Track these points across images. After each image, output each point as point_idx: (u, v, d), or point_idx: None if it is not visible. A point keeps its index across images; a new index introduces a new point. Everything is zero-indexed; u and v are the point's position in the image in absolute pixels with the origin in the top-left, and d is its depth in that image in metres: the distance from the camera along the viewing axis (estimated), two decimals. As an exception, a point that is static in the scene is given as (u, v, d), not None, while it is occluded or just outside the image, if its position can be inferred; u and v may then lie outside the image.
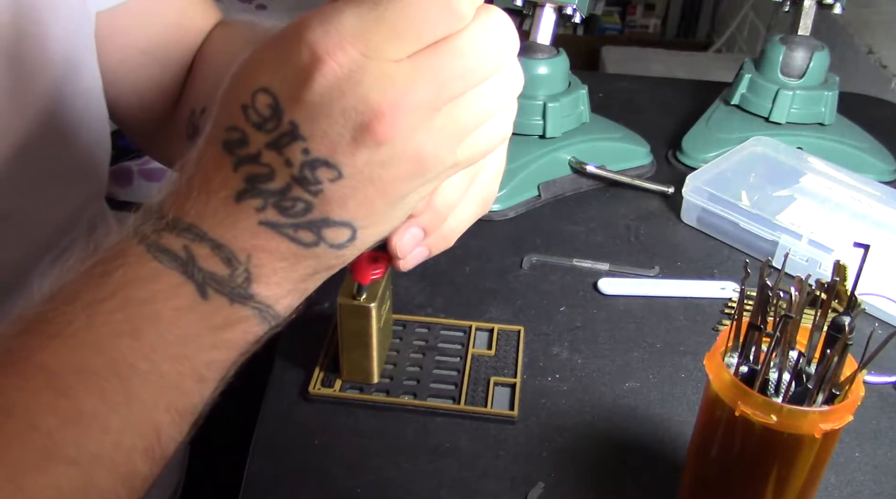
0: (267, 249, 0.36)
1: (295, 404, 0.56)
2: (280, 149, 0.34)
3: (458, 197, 0.46)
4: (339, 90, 0.33)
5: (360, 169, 0.34)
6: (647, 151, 0.86)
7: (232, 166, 0.35)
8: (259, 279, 0.36)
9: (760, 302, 0.42)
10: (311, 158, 0.34)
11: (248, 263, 0.36)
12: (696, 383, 0.59)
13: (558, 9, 0.80)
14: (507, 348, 0.60)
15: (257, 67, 0.35)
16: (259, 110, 0.35)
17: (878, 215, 0.74)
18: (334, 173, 0.34)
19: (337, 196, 0.35)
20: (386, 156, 0.34)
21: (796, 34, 0.86)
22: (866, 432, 0.55)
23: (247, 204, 0.35)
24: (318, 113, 0.34)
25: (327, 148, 0.34)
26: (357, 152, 0.34)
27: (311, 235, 0.36)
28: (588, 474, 0.52)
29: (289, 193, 0.35)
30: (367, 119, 0.33)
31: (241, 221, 0.35)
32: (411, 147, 0.34)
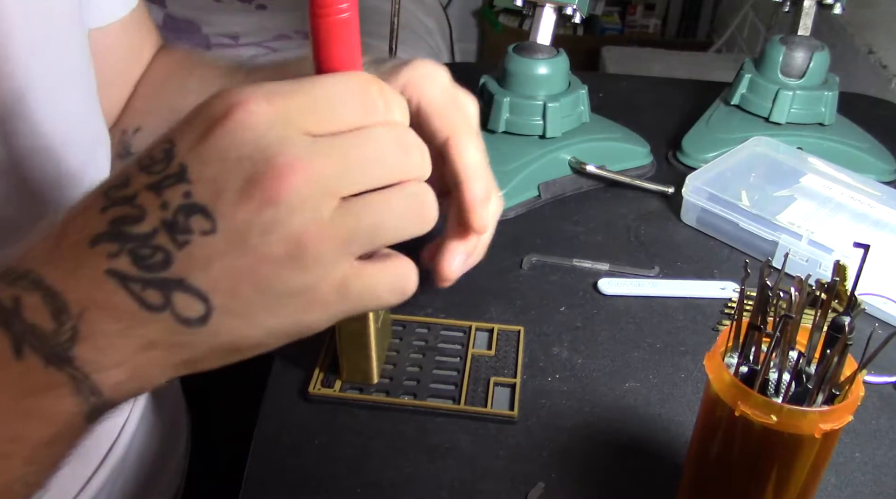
0: (104, 306, 0.31)
1: (295, 404, 0.56)
2: (160, 190, 0.32)
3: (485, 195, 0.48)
4: (242, 138, 0.32)
5: (236, 228, 0.32)
6: (647, 151, 0.86)
7: (100, 208, 0.32)
8: (85, 340, 0.31)
9: (760, 302, 0.42)
10: (190, 203, 0.32)
11: (78, 320, 0.31)
12: (696, 383, 0.59)
13: (558, 9, 0.80)
14: (507, 348, 0.60)
15: (173, 127, 0.34)
16: (153, 155, 0.33)
17: (878, 215, 0.74)
18: (209, 225, 0.32)
19: (203, 255, 0.32)
20: (268, 221, 0.31)
21: (796, 34, 0.86)
22: (866, 432, 0.55)
23: (100, 248, 0.32)
24: (214, 157, 0.32)
25: (211, 195, 0.32)
26: (240, 207, 0.31)
27: (160, 296, 0.31)
28: (588, 474, 0.52)
29: (152, 240, 0.32)
30: (261, 172, 0.32)
31: (86, 268, 0.32)
32: (296, 224, 0.32)
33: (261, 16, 2.02)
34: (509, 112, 0.80)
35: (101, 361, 0.32)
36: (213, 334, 0.33)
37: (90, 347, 0.31)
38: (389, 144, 0.35)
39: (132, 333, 0.32)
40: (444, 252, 0.48)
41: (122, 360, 0.32)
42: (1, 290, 0.32)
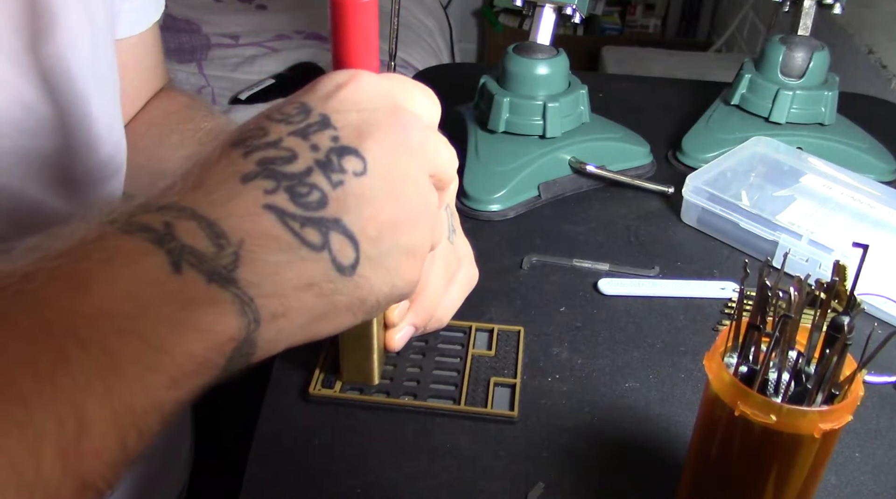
0: (265, 238, 0.31)
1: (295, 404, 0.56)
2: (307, 135, 0.33)
3: (442, 290, 0.54)
4: (372, 93, 0.35)
5: (385, 171, 0.34)
6: (647, 151, 0.86)
7: (242, 153, 0.32)
8: (248, 266, 0.30)
9: (760, 302, 0.42)
10: (341, 145, 0.33)
11: (238, 246, 0.30)
12: (696, 383, 0.59)
13: (558, 9, 0.80)
14: (507, 349, 0.60)
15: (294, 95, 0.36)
16: (285, 111, 0.34)
17: (878, 215, 0.74)
18: (361, 166, 0.33)
19: (355, 197, 0.33)
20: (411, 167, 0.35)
21: (796, 34, 0.86)
22: (866, 432, 0.55)
23: (255, 184, 0.31)
24: (351, 108, 0.34)
25: (357, 138, 0.33)
26: (386, 149, 0.34)
27: (319, 236, 0.32)
28: (588, 473, 0.52)
29: (307, 178, 0.32)
30: (398, 119, 0.35)
31: (241, 201, 0.31)
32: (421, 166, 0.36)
33: (261, 16, 2.02)
34: (509, 112, 0.80)
35: (264, 287, 0.30)
36: (355, 286, 0.33)
37: (251, 273, 0.30)
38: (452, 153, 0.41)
39: (293, 269, 0.31)
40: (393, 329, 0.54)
41: (282, 293, 0.31)
42: (146, 217, 0.30)
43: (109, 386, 0.26)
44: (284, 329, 0.32)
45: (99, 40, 0.56)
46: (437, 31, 2.26)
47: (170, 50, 0.72)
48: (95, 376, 0.26)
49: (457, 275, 0.56)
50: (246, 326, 0.30)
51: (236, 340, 0.30)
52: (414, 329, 0.54)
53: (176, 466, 0.74)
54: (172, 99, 0.72)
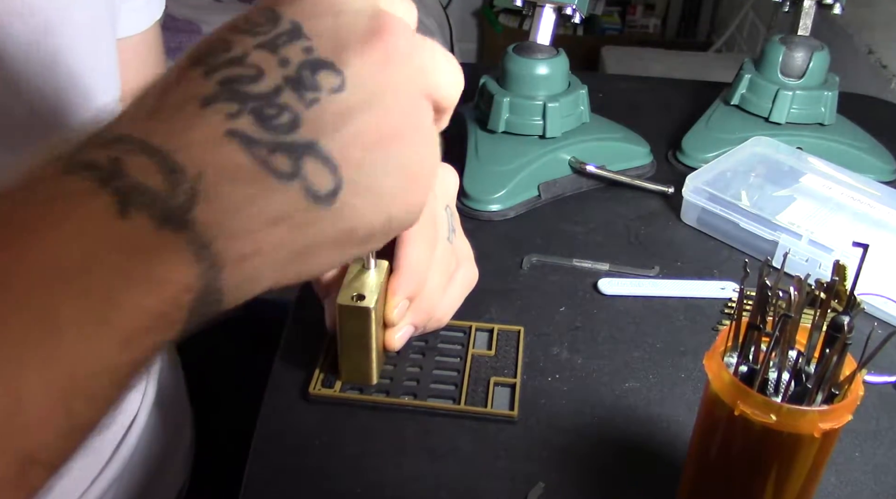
0: (227, 169, 0.27)
1: (295, 404, 0.56)
2: (275, 48, 0.29)
3: (441, 290, 0.53)
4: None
5: (366, 83, 0.29)
6: (647, 151, 0.86)
7: (202, 72, 0.28)
8: (206, 203, 0.26)
9: (760, 302, 0.42)
10: (314, 58, 0.29)
11: (196, 181, 0.26)
12: (696, 383, 0.59)
13: (558, 9, 0.80)
14: (507, 349, 0.60)
15: None
16: (252, 19, 0.30)
17: (878, 215, 0.74)
18: (338, 80, 0.29)
19: (333, 115, 0.29)
20: (397, 76, 0.30)
21: (796, 34, 0.86)
22: (866, 432, 0.55)
23: (216, 108, 0.27)
24: (327, 11, 0.30)
25: (334, 49, 0.29)
26: (368, 60, 0.29)
27: (289, 162, 0.28)
28: (588, 474, 0.52)
29: (276, 99, 0.28)
30: (384, 24, 0.30)
31: (200, 128, 0.27)
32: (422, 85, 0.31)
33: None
34: (509, 112, 0.80)
35: (224, 228, 0.27)
36: (338, 216, 0.29)
37: (209, 212, 0.26)
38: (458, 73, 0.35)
39: (258, 203, 0.27)
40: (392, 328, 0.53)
41: (247, 230, 0.27)
42: (93, 152, 0.26)
43: (49, 350, 0.23)
44: (257, 271, 0.28)
45: (101, 40, 0.56)
46: (437, 31, 2.26)
47: (170, 50, 0.73)
48: (33, 338, 0.23)
49: (456, 274, 0.56)
50: (203, 274, 0.26)
51: (194, 290, 0.26)
52: (413, 329, 0.54)
53: (175, 465, 0.74)
54: None
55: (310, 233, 0.29)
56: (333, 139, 0.29)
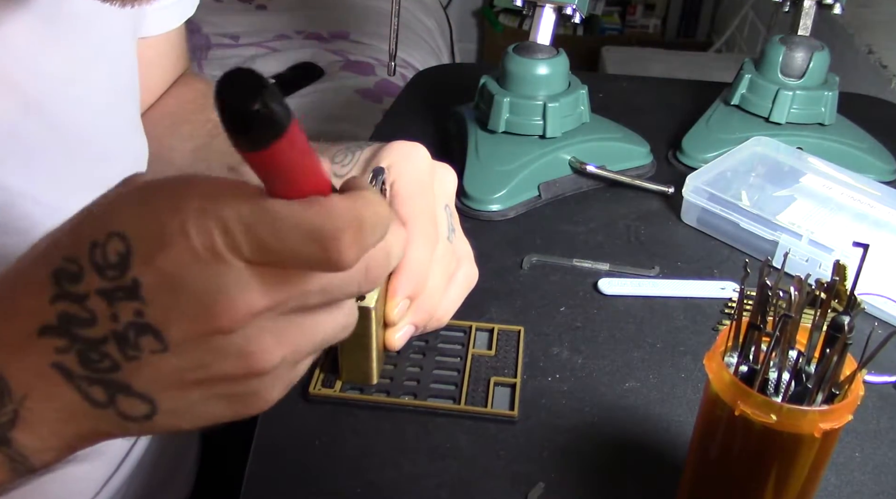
0: (47, 395, 0.32)
1: (295, 404, 0.56)
2: (112, 300, 0.31)
3: (441, 290, 0.53)
4: (196, 272, 0.31)
5: (188, 352, 0.32)
6: (647, 151, 0.86)
7: (50, 298, 0.32)
8: (24, 425, 0.32)
9: (760, 302, 0.42)
10: (142, 322, 0.31)
11: (19, 404, 0.31)
12: (696, 383, 0.59)
13: (558, 9, 0.80)
14: (508, 348, 0.60)
15: (125, 210, 0.32)
16: (107, 254, 0.32)
17: (878, 215, 0.74)
18: (159, 346, 0.31)
19: (152, 370, 0.32)
20: (220, 347, 0.32)
21: (796, 34, 0.86)
22: (866, 432, 0.55)
23: (48, 341, 0.32)
24: (167, 284, 0.31)
25: (163, 320, 0.31)
26: (191, 332, 0.31)
27: (104, 395, 0.32)
28: (588, 474, 0.52)
29: (101, 347, 0.31)
30: (214, 309, 0.31)
31: (32, 356, 0.32)
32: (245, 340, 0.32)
33: (261, 16, 2.02)
34: (509, 112, 0.80)
35: (39, 446, 0.32)
36: (155, 427, 0.33)
37: (28, 433, 0.32)
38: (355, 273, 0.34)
39: (72, 423, 0.32)
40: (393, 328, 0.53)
41: (60, 444, 0.32)
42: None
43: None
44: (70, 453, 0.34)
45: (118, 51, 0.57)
46: (437, 31, 2.26)
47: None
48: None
49: (457, 274, 0.56)
50: (17, 475, 0.33)
51: (11, 481, 0.33)
52: (414, 329, 0.54)
53: (183, 471, 0.75)
54: (189, 86, 0.72)
55: (126, 433, 0.34)
56: (150, 383, 0.32)
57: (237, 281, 0.31)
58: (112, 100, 0.57)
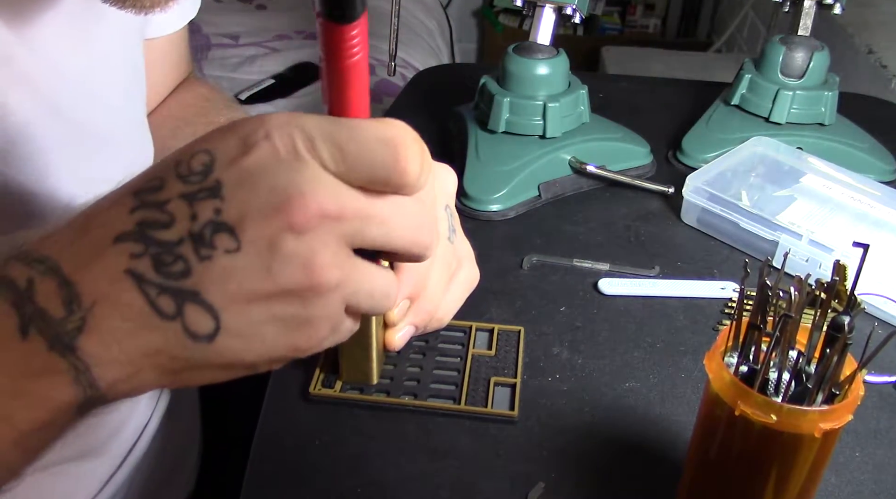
0: (117, 303, 0.32)
1: (295, 404, 0.56)
2: (193, 201, 0.32)
3: (442, 290, 0.53)
4: (276, 168, 0.33)
5: (259, 252, 0.32)
6: (647, 151, 0.86)
7: (130, 208, 0.33)
8: (91, 333, 0.31)
9: (760, 302, 0.42)
10: (219, 220, 0.32)
11: (88, 311, 0.31)
12: (696, 383, 0.59)
13: (558, 9, 0.80)
14: (508, 349, 0.60)
15: (209, 136, 0.34)
16: (191, 165, 0.33)
17: (878, 215, 0.74)
18: (234, 244, 0.32)
19: (222, 272, 0.32)
20: (290, 250, 0.32)
21: (796, 34, 0.86)
22: (866, 432, 0.56)
23: (123, 247, 0.32)
24: (247, 180, 0.33)
25: (239, 216, 0.32)
26: (265, 232, 0.32)
27: (173, 305, 0.32)
28: (588, 474, 0.52)
29: (176, 249, 0.32)
30: (289, 202, 0.32)
31: (105, 263, 0.32)
32: (316, 259, 0.33)
33: (261, 16, 2.02)
34: (509, 112, 0.80)
35: (104, 355, 0.32)
36: (215, 353, 0.33)
37: (95, 341, 0.31)
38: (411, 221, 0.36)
39: (139, 336, 0.32)
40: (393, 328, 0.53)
41: (125, 359, 0.32)
42: (17, 269, 0.32)
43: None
44: (136, 386, 0.33)
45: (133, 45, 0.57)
46: (437, 31, 2.26)
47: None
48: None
49: (458, 275, 0.56)
50: (81, 392, 0.32)
51: (75, 404, 0.32)
52: (414, 329, 0.54)
53: (184, 471, 0.75)
54: (192, 90, 0.73)
55: (185, 363, 0.33)
56: (218, 291, 0.32)
57: (312, 179, 0.33)
58: (125, 99, 0.58)
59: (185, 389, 0.76)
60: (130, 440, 0.66)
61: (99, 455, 0.62)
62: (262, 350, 0.34)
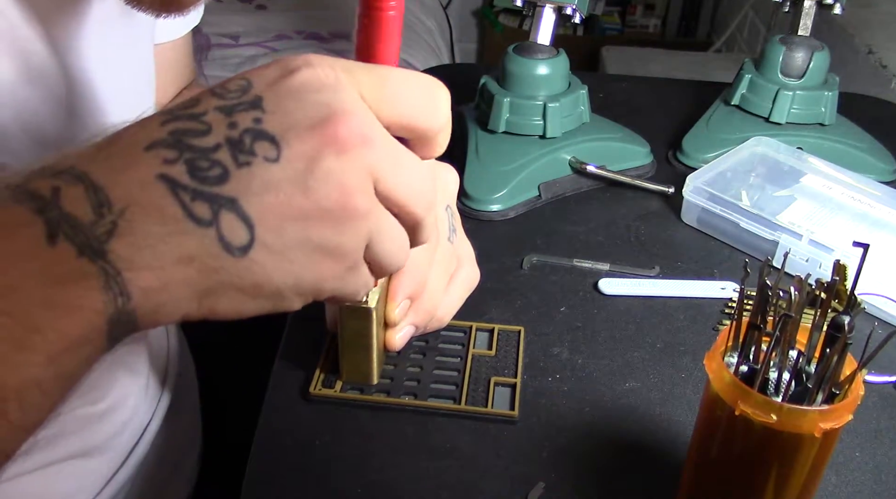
0: (149, 207, 0.30)
1: (296, 404, 0.56)
2: (231, 112, 0.32)
3: (442, 290, 0.54)
4: (320, 86, 0.33)
5: (299, 164, 0.32)
6: (647, 151, 0.86)
7: (161, 121, 0.32)
8: (123, 236, 0.30)
9: (760, 302, 0.42)
10: (259, 128, 0.32)
11: (119, 215, 0.30)
12: (696, 383, 0.59)
13: (558, 9, 0.80)
14: (508, 349, 0.60)
15: (245, 72, 0.34)
16: (227, 86, 0.33)
17: (878, 215, 0.74)
18: (274, 152, 0.32)
19: (260, 181, 0.31)
20: (330, 166, 0.33)
21: (796, 34, 0.86)
22: (866, 432, 0.56)
23: (156, 153, 0.31)
24: (290, 95, 0.33)
25: (281, 126, 0.32)
26: (307, 143, 0.32)
27: (209, 211, 0.31)
28: (588, 474, 0.52)
29: (212, 154, 0.31)
30: (334, 115, 0.33)
31: (136, 169, 0.30)
32: (353, 180, 0.33)
33: (261, 16, 2.02)
34: (509, 112, 0.80)
35: (136, 260, 0.30)
36: (246, 269, 0.32)
37: (127, 244, 0.30)
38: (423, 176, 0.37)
39: (172, 242, 0.30)
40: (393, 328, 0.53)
41: (157, 265, 0.30)
42: (39, 182, 0.30)
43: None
44: (166, 302, 0.31)
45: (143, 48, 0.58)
46: (437, 31, 2.26)
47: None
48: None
49: (458, 274, 0.56)
50: (112, 301, 0.30)
51: (105, 314, 0.30)
52: (414, 329, 0.54)
53: (186, 470, 0.75)
54: None
55: (216, 278, 0.32)
56: (255, 202, 0.31)
57: (354, 101, 0.34)
58: (135, 102, 0.58)
59: (186, 389, 0.76)
60: (132, 440, 0.66)
61: (101, 453, 0.62)
62: (291, 273, 0.33)
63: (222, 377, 0.84)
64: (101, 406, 0.61)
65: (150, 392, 0.68)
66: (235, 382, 0.83)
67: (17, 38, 0.46)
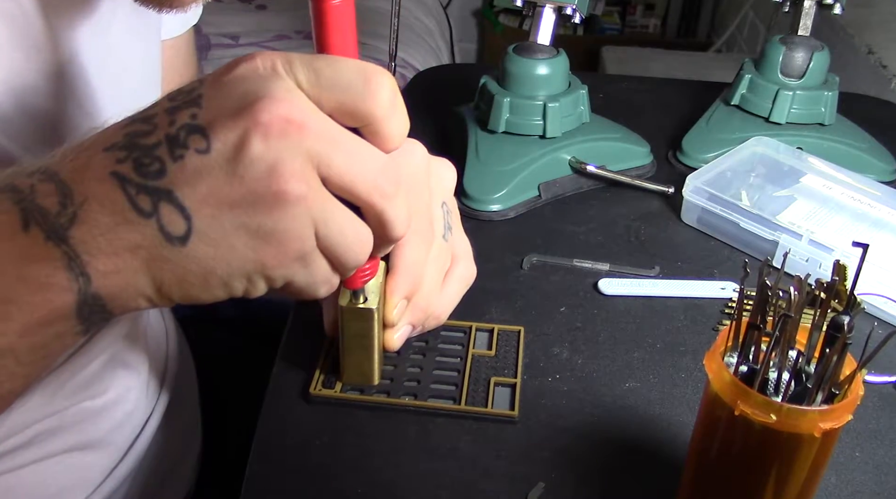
0: (103, 200, 0.35)
1: (296, 405, 0.56)
2: (174, 112, 0.35)
3: (437, 287, 0.54)
4: (254, 77, 0.36)
5: (227, 151, 0.34)
6: (647, 151, 0.86)
7: (121, 126, 0.36)
8: (81, 224, 0.35)
9: (760, 302, 0.42)
10: (193, 123, 0.35)
11: (79, 207, 0.35)
12: (696, 383, 0.59)
13: (558, 9, 0.80)
14: (508, 349, 0.60)
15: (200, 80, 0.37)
16: (181, 89, 0.36)
17: (878, 215, 0.74)
18: (204, 144, 0.35)
19: (193, 172, 0.35)
20: (256, 152, 0.34)
21: (796, 34, 0.86)
22: (866, 432, 0.56)
23: (111, 154, 0.35)
24: (223, 88, 0.36)
25: (211, 118, 0.35)
26: (231, 130, 0.34)
27: (150, 203, 0.35)
28: (588, 473, 0.52)
29: (154, 151, 0.35)
30: (256, 102, 0.35)
31: (95, 168, 0.35)
32: (282, 166, 0.35)
33: (261, 16, 2.02)
34: (509, 112, 0.80)
35: (92, 245, 0.35)
36: (190, 258, 0.35)
37: (85, 232, 0.35)
38: (375, 164, 0.38)
39: (121, 231, 0.35)
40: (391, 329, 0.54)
41: (110, 250, 0.35)
42: (20, 179, 0.36)
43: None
44: (125, 286, 0.36)
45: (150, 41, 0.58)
46: (437, 31, 2.26)
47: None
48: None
49: (454, 271, 0.56)
50: (75, 280, 0.35)
51: (72, 293, 0.35)
52: (411, 328, 0.54)
53: (185, 468, 0.75)
54: None
55: (165, 267, 0.36)
56: (189, 192, 0.35)
57: (283, 88, 0.35)
58: (142, 93, 0.59)
59: (186, 387, 0.76)
60: (131, 435, 0.66)
61: (101, 447, 0.62)
62: (232, 261, 0.36)
63: (222, 377, 0.84)
64: (101, 401, 0.62)
65: (150, 389, 0.69)
66: (235, 382, 0.83)
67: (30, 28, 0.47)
